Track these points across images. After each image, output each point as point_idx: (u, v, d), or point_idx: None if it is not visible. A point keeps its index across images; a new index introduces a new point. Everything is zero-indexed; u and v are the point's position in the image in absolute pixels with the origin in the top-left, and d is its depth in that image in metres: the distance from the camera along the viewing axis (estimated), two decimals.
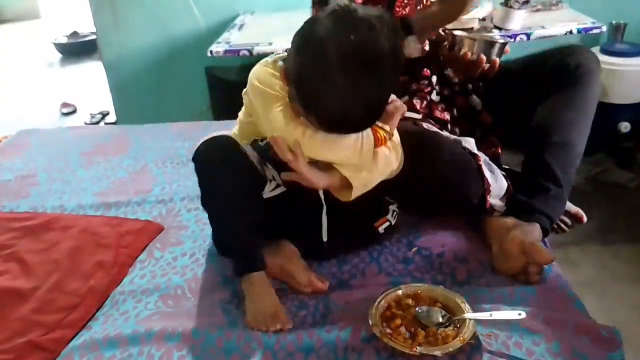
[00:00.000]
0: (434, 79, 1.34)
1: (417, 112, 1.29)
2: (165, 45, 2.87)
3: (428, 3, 1.32)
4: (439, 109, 1.33)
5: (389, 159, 1.02)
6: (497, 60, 1.24)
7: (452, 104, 1.36)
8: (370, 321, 0.93)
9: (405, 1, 1.29)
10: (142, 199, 1.44)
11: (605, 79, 2.63)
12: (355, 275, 1.10)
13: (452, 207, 1.18)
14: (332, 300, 1.04)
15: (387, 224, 1.17)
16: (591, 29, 2.18)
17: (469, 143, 1.21)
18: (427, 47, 1.30)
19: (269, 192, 1.11)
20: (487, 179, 1.14)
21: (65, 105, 4.05)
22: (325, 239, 1.13)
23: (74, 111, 4.00)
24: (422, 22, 1.26)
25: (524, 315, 0.91)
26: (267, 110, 0.97)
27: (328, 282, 1.08)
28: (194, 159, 1.06)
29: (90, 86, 4.51)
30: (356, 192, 1.00)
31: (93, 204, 1.44)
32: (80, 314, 1.05)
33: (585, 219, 1.35)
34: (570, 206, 1.33)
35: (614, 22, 2.73)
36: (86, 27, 5.54)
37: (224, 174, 1.01)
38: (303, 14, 1.30)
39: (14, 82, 4.85)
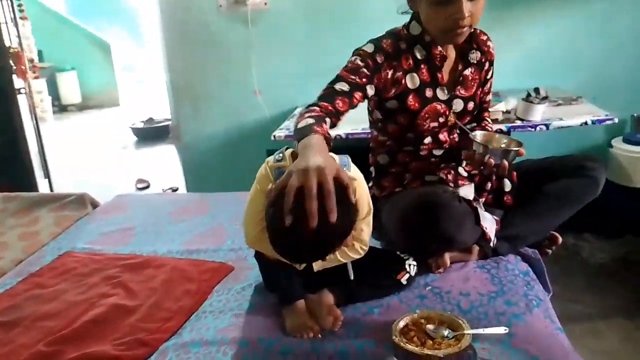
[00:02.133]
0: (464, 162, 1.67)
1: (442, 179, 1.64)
2: (235, 132, 3.36)
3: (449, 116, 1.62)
4: (464, 180, 1.66)
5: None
6: (507, 164, 1.48)
7: (481, 182, 1.69)
8: (392, 334, 1.22)
9: (426, 115, 1.58)
10: (217, 248, 1.81)
11: (628, 166, 2.91)
12: (382, 305, 1.41)
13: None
14: (363, 324, 1.34)
15: (407, 275, 1.45)
16: (604, 120, 2.49)
17: (466, 191, 1.55)
18: None
19: None
20: (484, 228, 1.48)
21: (140, 181, 4.59)
22: (352, 277, 1.39)
23: (148, 186, 4.53)
24: None
25: (507, 330, 1.19)
26: (248, 202, 1.30)
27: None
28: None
29: (162, 166, 5.08)
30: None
31: (179, 250, 1.82)
32: (172, 324, 1.39)
33: (559, 240, 1.74)
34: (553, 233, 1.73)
35: (635, 114, 3.05)
36: (160, 114, 6.26)
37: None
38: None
39: (95, 160, 5.50)
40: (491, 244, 1.58)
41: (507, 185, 1.69)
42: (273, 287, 1.48)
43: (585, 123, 2.50)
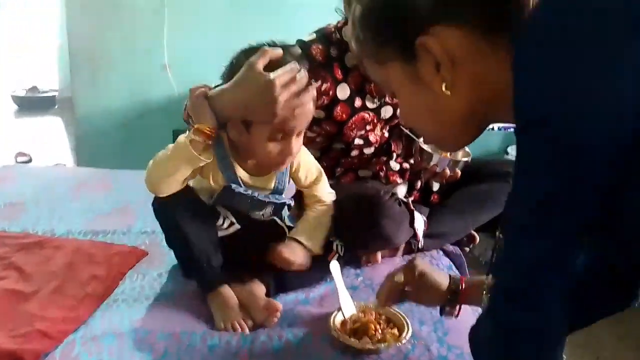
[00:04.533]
0: (395, 155, 1.66)
1: (375, 174, 1.60)
2: (138, 107, 3.11)
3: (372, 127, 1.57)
4: (395, 175, 1.64)
5: None
6: (459, 172, 1.50)
7: (411, 180, 1.67)
8: (329, 326, 1.16)
9: (353, 126, 1.53)
10: (127, 230, 1.63)
11: None
12: (315, 297, 1.34)
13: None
14: (297, 314, 1.26)
15: (337, 255, 1.38)
16: (509, 127, 2.63)
17: (401, 190, 1.52)
18: None
19: (224, 229, 1.32)
20: (416, 229, 1.47)
21: (20, 154, 4.12)
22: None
23: (29, 161, 4.08)
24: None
25: None
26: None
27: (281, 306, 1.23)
28: (153, 206, 1.26)
29: (46, 139, 4.62)
30: None
31: (81, 230, 1.62)
32: (79, 313, 1.21)
33: (477, 239, 1.76)
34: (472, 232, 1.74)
35: None
36: (45, 83, 5.72)
37: (178, 210, 1.22)
38: None
39: None
40: (419, 244, 1.57)
41: (435, 185, 1.69)
42: (190, 270, 1.33)
43: (492, 129, 2.62)
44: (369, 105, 1.54)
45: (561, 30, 0.62)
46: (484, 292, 0.88)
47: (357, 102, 1.52)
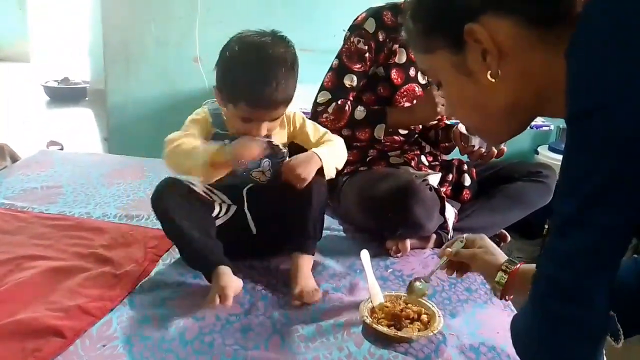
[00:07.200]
0: (427, 148, 1.71)
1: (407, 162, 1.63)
2: (169, 99, 3.15)
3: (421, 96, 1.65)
4: (425, 168, 1.66)
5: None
6: (504, 148, 1.57)
7: (442, 174, 1.69)
8: (360, 313, 1.17)
9: (405, 93, 1.63)
10: None
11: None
12: (346, 285, 1.35)
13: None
14: (330, 301, 1.27)
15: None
16: (541, 126, 2.60)
17: (434, 179, 1.54)
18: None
19: (222, 216, 1.37)
20: (446, 218, 1.48)
21: (52, 142, 4.20)
22: (254, 232, 1.38)
23: (61, 149, 4.16)
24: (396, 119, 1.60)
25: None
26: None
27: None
28: (153, 205, 1.30)
29: (76, 129, 4.70)
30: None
31: (117, 214, 1.66)
32: (117, 292, 1.25)
33: (508, 238, 1.80)
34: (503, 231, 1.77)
35: (561, 125, 3.20)
36: (76, 75, 5.82)
37: (172, 206, 1.28)
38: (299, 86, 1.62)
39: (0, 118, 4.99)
40: (449, 235, 1.58)
41: (467, 180, 1.70)
42: (191, 261, 1.31)
43: None
44: (420, 80, 1.64)
45: (619, 19, 0.61)
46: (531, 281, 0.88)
47: (412, 72, 1.62)
